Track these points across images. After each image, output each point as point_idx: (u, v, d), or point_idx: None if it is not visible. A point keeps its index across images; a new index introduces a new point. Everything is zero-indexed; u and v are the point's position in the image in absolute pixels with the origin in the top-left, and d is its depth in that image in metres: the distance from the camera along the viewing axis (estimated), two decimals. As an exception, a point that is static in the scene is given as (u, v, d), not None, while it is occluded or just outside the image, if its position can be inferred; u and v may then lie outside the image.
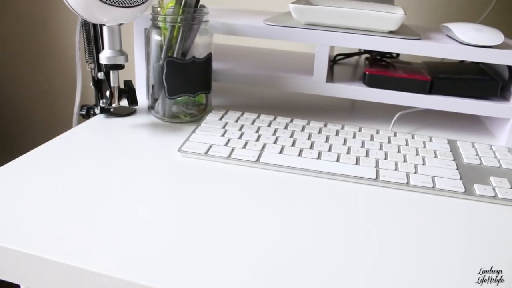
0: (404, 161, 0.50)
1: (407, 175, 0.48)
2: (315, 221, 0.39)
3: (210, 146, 0.51)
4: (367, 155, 0.51)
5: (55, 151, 0.49)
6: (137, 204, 0.40)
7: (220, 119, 0.58)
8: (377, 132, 0.57)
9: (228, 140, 0.52)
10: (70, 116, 1.19)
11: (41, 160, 0.47)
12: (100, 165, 0.46)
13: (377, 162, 0.50)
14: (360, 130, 0.57)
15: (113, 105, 0.55)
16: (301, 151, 0.51)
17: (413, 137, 0.56)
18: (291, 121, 0.58)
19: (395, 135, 0.57)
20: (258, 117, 0.59)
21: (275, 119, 0.59)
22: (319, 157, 0.50)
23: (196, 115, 0.60)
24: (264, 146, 0.51)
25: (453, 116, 0.69)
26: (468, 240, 0.38)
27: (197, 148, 0.50)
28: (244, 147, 0.51)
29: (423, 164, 0.50)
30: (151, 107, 0.60)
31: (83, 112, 0.62)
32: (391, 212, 0.42)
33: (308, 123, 0.58)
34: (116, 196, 0.41)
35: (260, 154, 0.49)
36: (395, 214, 0.41)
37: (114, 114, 0.60)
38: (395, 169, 0.49)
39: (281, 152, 0.50)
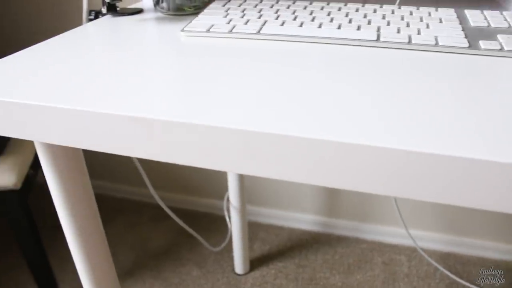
0: (407, 26, 0.50)
1: (409, 36, 0.47)
2: (320, 81, 0.40)
3: (212, 25, 0.51)
4: (369, 23, 0.51)
5: (66, 42, 0.51)
6: (147, 80, 0.42)
7: (224, 5, 0.58)
8: (381, 6, 0.56)
9: (230, 20, 0.53)
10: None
11: (53, 50, 0.49)
12: (109, 51, 0.48)
13: (379, 28, 0.50)
14: (363, 5, 0.57)
15: (117, -4, 0.56)
16: (302, 23, 0.51)
17: (418, 9, 0.55)
18: (294, 2, 0.58)
19: (399, 8, 0.56)
20: (261, 1, 0.59)
21: (277, 2, 0.59)
22: (320, 27, 0.50)
23: (200, 7, 0.60)
24: (265, 22, 0.52)
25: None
26: (471, 92, 0.37)
27: (199, 27, 0.51)
28: (245, 24, 0.51)
29: (426, 28, 0.50)
30: (156, 3, 0.61)
31: (92, 17, 0.64)
32: (393, 71, 0.41)
33: (310, 3, 0.58)
34: (129, 75, 0.43)
35: (261, 28, 0.50)
36: (397, 72, 0.41)
37: (120, 13, 0.62)
38: (397, 32, 0.48)
39: (282, 25, 0.51)
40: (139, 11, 0.63)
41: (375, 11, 0.55)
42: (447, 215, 1.20)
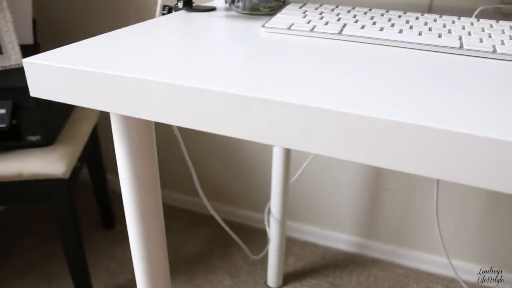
0: (489, 37, 0.50)
1: (493, 46, 0.47)
2: (399, 86, 0.40)
3: (292, 24, 0.52)
4: (449, 32, 0.51)
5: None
6: (227, 69, 0.42)
7: (300, 7, 0.59)
8: (459, 18, 0.56)
9: (310, 20, 0.53)
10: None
11: (136, 34, 0.50)
12: (192, 38, 0.49)
13: (460, 37, 0.49)
14: (441, 16, 0.57)
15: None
16: (382, 28, 0.51)
17: (498, 22, 0.55)
18: (370, 10, 0.59)
19: (478, 20, 0.56)
20: (337, 7, 0.60)
21: (353, 8, 0.59)
22: (400, 32, 0.50)
23: (275, 8, 0.61)
24: (345, 24, 0.52)
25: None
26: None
27: (279, 24, 0.52)
28: (325, 24, 0.52)
29: (510, 39, 0.49)
30: (231, 2, 0.62)
31: (165, 12, 0.66)
32: (476, 81, 0.40)
33: (387, 11, 0.58)
34: (207, 63, 0.44)
35: (342, 29, 0.50)
36: (481, 82, 0.39)
37: (195, 9, 0.63)
38: (480, 42, 0.48)
39: (362, 28, 0.51)
40: (212, 9, 0.64)
41: (453, 22, 0.55)
42: (489, 247, 1.17)
